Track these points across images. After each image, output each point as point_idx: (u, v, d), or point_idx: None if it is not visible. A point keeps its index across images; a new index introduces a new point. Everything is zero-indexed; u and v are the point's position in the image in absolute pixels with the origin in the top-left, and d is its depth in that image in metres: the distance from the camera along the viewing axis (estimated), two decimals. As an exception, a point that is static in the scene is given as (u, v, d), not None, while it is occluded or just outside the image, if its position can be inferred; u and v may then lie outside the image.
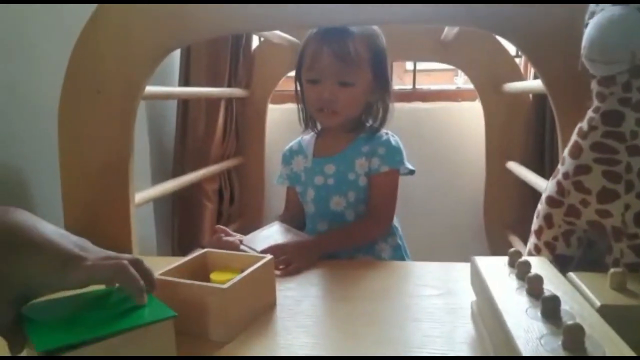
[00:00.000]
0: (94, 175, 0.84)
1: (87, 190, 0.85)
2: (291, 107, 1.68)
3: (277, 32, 1.27)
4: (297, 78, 0.90)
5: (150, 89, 0.92)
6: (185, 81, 1.48)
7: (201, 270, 0.63)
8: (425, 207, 1.59)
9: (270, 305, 0.62)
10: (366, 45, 0.84)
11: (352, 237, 0.85)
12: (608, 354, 0.36)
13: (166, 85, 1.44)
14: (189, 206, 1.52)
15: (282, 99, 1.67)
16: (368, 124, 0.90)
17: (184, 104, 1.50)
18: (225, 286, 0.53)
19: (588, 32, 0.54)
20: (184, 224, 1.54)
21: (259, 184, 1.66)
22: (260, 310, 0.60)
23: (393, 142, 0.88)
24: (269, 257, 0.62)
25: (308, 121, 0.93)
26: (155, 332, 0.46)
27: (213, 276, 0.61)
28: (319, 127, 0.93)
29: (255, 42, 1.60)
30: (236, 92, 1.52)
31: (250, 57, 1.56)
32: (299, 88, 0.90)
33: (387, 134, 0.90)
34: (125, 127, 0.83)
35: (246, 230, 0.86)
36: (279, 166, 0.99)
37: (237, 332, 0.55)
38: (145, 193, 1.03)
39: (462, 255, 0.65)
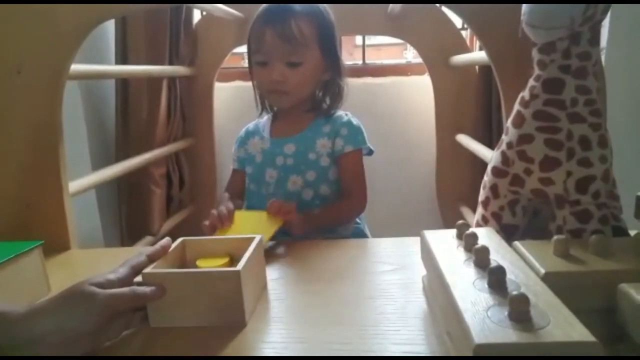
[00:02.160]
0: (22, 164, 0.78)
1: (16, 181, 0.78)
2: (239, 84, 1.63)
3: (219, 5, 1.21)
4: (249, 60, 0.88)
5: (78, 67, 0.85)
6: (122, 60, 1.38)
7: (180, 262, 0.59)
8: (378, 182, 1.60)
9: (263, 287, 0.60)
10: (311, 23, 0.83)
11: (338, 215, 0.86)
12: (553, 322, 0.36)
13: (102, 64, 1.34)
14: (135, 193, 1.45)
15: (229, 76, 1.61)
16: (325, 104, 0.90)
17: (124, 84, 1.41)
18: (238, 268, 0.49)
19: (529, -2, 0.53)
20: (132, 212, 1.47)
21: (210, 167, 1.60)
22: (260, 292, 0.58)
23: (355, 123, 0.89)
24: (258, 237, 0.59)
25: (263, 103, 0.92)
26: (23, 262, 0.59)
27: (200, 264, 0.57)
28: (275, 108, 0.93)
29: (197, 16, 1.51)
30: (179, 70, 1.44)
31: (192, 32, 1.48)
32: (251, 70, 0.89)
33: (346, 114, 0.91)
34: (52, 110, 0.76)
35: (200, 214, 0.83)
36: (232, 148, 0.96)
37: (249, 316, 0.52)
38: (82, 181, 0.96)
39: (417, 228, 0.65)
